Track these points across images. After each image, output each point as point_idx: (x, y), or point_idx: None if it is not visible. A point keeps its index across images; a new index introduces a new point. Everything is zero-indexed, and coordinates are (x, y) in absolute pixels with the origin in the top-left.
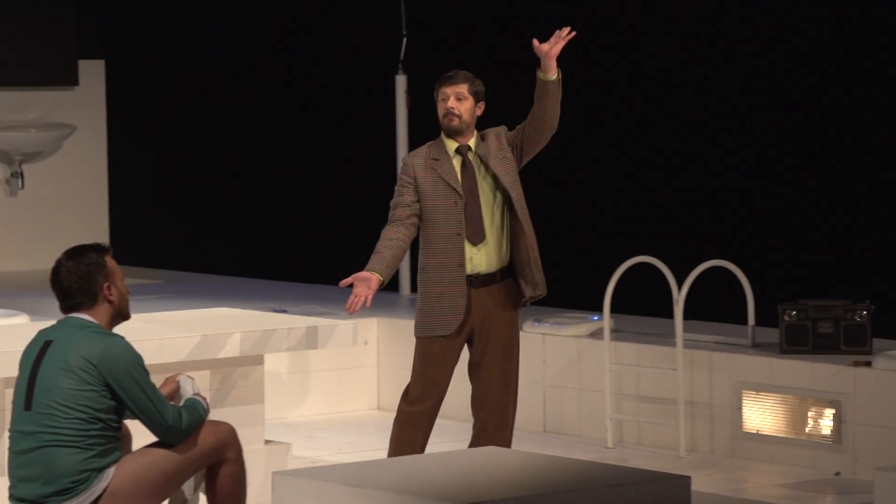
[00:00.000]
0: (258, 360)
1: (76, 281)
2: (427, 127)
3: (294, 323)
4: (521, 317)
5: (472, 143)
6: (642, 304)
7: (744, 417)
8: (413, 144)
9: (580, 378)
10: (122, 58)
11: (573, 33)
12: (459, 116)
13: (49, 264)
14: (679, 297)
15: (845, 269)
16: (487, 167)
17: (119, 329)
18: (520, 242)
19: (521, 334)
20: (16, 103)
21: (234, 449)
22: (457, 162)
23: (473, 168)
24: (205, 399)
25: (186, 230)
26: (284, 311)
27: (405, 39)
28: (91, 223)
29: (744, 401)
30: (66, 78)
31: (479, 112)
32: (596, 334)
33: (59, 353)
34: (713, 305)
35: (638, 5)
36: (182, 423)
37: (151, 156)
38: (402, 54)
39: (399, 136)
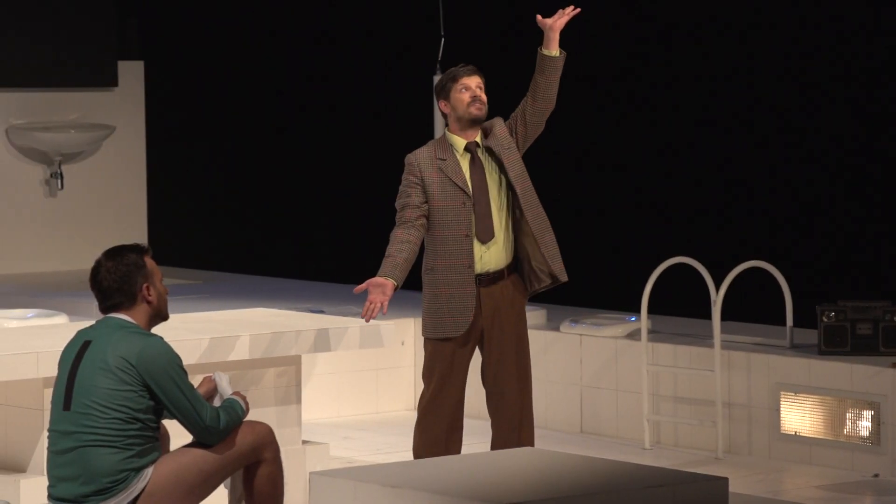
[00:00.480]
0: (295, 361)
1: (115, 281)
2: None
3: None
4: (557, 318)
5: (478, 138)
6: (680, 304)
7: (782, 419)
8: None
9: (617, 379)
10: (161, 59)
11: (577, 10)
12: (485, 104)
13: (88, 264)
14: (717, 298)
15: (885, 270)
16: (496, 159)
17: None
18: (526, 232)
19: (558, 335)
20: (55, 104)
21: (272, 449)
22: (465, 160)
23: (483, 164)
24: (244, 399)
25: (225, 230)
26: (322, 312)
27: (443, 40)
28: (130, 223)
29: (782, 402)
30: (106, 79)
31: None
32: (633, 335)
33: (97, 354)
34: (751, 306)
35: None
36: (220, 424)
37: (190, 156)
38: (440, 55)
39: (437, 136)
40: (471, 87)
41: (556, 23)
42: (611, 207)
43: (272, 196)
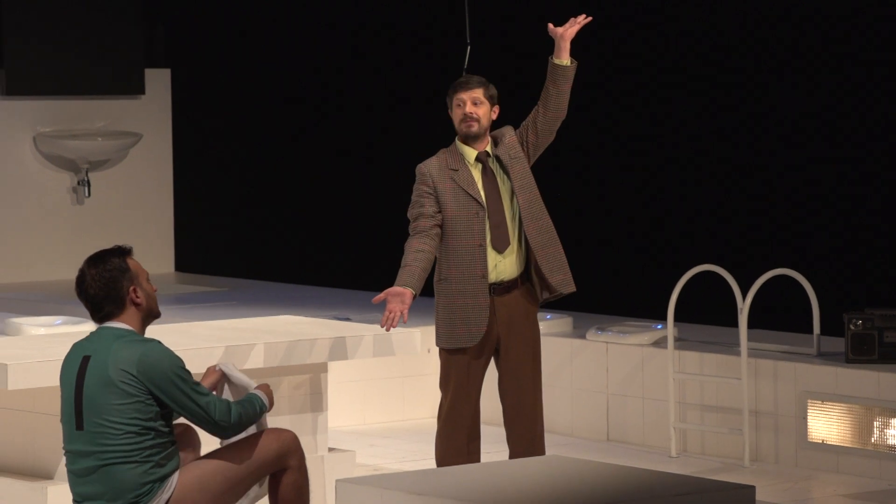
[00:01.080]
0: (322, 368)
1: (102, 288)
2: None
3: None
4: (584, 325)
5: (488, 148)
6: (706, 312)
7: (809, 427)
8: None
9: (644, 387)
10: (188, 67)
11: (589, 18)
12: (478, 121)
13: None
14: (744, 306)
15: None
16: (506, 170)
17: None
18: (534, 243)
19: (585, 343)
20: (83, 112)
21: (297, 457)
22: (476, 170)
23: (494, 174)
24: (268, 393)
25: (252, 237)
26: (348, 320)
27: (469, 48)
28: (156, 231)
29: (809, 410)
30: (133, 87)
31: (493, 116)
32: (660, 343)
33: (99, 369)
34: (778, 314)
35: (711, 7)
36: (231, 417)
37: (217, 164)
38: (466, 63)
39: None
40: (465, 103)
41: (566, 31)
42: (637, 215)
43: (300, 203)
